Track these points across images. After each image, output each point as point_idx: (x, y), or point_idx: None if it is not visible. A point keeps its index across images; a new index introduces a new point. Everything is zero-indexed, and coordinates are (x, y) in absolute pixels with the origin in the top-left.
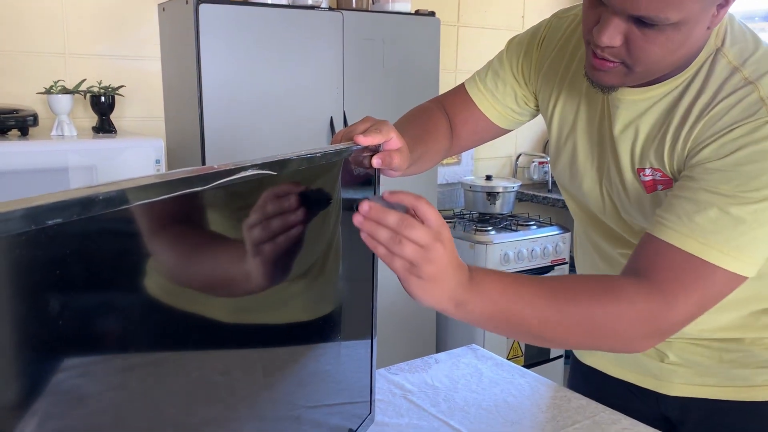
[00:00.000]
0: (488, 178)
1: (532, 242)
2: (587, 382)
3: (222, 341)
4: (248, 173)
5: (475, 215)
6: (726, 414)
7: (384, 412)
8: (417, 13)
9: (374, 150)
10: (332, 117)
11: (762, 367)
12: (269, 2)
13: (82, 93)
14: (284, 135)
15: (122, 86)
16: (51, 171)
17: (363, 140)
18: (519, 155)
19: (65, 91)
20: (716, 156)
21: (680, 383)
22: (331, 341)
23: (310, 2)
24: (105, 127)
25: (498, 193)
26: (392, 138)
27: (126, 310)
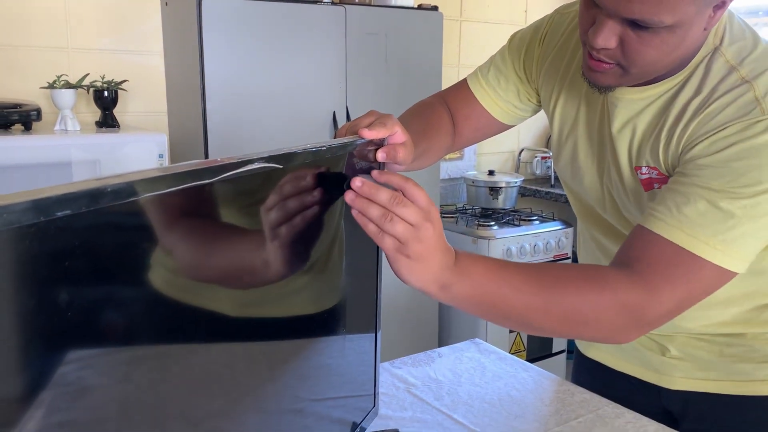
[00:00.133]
0: (491, 173)
1: (535, 237)
2: (591, 376)
3: (227, 334)
4: (255, 166)
5: (478, 210)
6: (727, 408)
7: (388, 406)
8: (420, 8)
9: (379, 144)
10: (335, 112)
11: (763, 362)
12: None
13: (85, 88)
14: (287, 130)
15: (125, 81)
16: (54, 165)
17: (368, 134)
18: (522, 150)
19: (68, 86)
20: (708, 152)
21: (681, 377)
22: (335, 335)
23: None
24: (108, 122)
25: (500, 188)
26: (397, 132)
27: (133, 303)
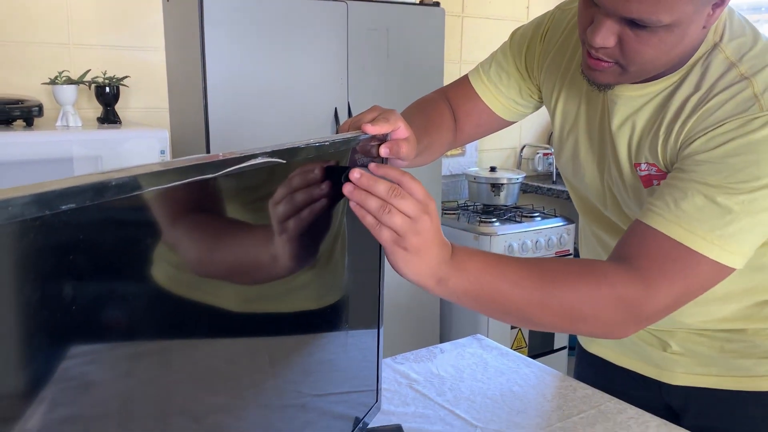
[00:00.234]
0: (492, 170)
1: (537, 233)
2: (592, 371)
3: (230, 330)
4: (258, 161)
5: (480, 206)
6: (728, 404)
7: (390, 401)
8: (422, 4)
9: (381, 139)
10: (336, 108)
11: (764, 358)
12: None
13: (87, 83)
14: (288, 126)
15: (127, 77)
16: (56, 161)
17: (371, 129)
18: (523, 146)
19: (70, 82)
20: (705, 148)
21: (682, 373)
22: (338, 330)
23: None
24: (110, 118)
25: (502, 185)
26: (400, 127)
27: (137, 298)
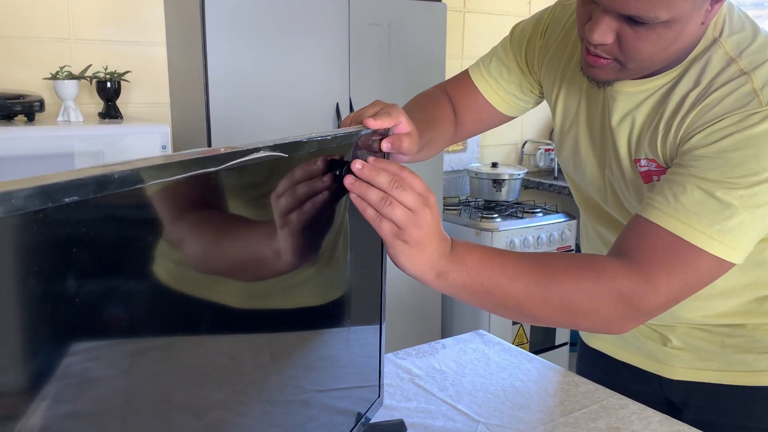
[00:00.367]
0: (494, 166)
1: (538, 229)
2: (594, 365)
3: (232, 326)
4: (260, 155)
5: (481, 202)
6: (728, 399)
7: (392, 396)
8: None
9: (383, 134)
10: (338, 103)
11: (764, 353)
12: None
13: (88, 78)
14: (290, 121)
15: (128, 72)
16: (57, 157)
17: (372, 123)
18: (525, 142)
19: (71, 77)
20: (704, 143)
21: (682, 367)
22: (340, 326)
23: None
24: (111, 113)
25: (504, 181)
26: (402, 122)
27: (139, 294)
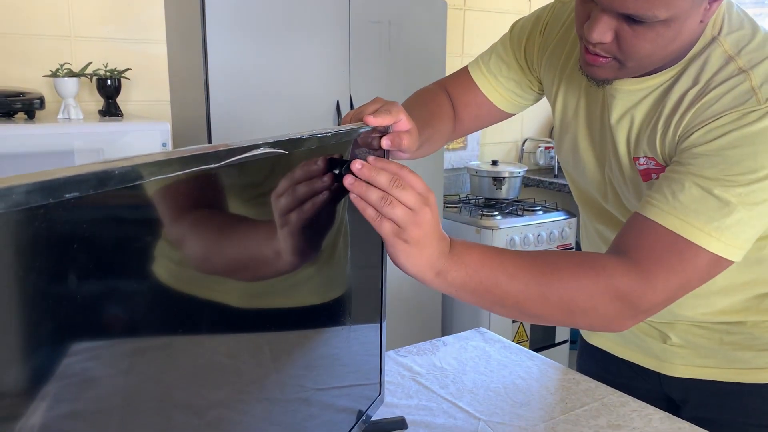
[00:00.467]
0: (494, 163)
1: (538, 227)
2: (594, 362)
3: (233, 325)
4: (260, 151)
5: (481, 200)
6: (728, 396)
7: (393, 394)
8: None
9: (383, 131)
10: (338, 101)
11: (763, 350)
12: None
13: (88, 76)
14: (290, 118)
15: (128, 69)
16: (57, 154)
17: (372, 121)
18: (525, 140)
19: (71, 74)
20: (703, 141)
21: (682, 364)
22: (341, 325)
23: None
24: (111, 111)
25: (504, 178)
26: (402, 119)
27: (140, 292)
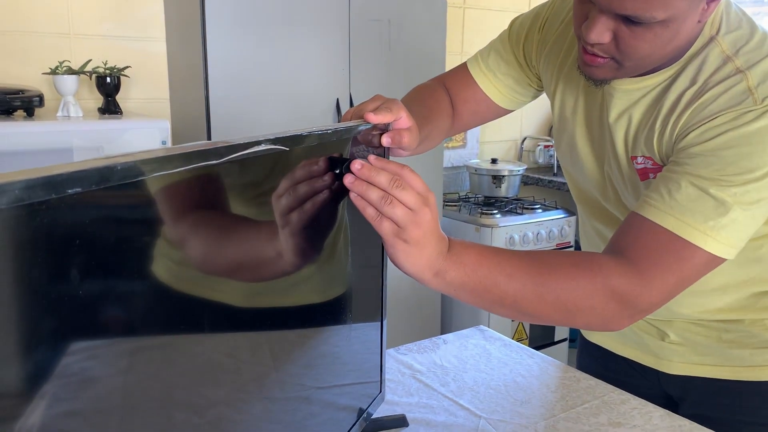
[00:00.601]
0: (494, 162)
1: (538, 225)
2: (593, 360)
3: (233, 324)
4: (261, 148)
5: (481, 198)
6: (725, 393)
7: (394, 392)
8: None
9: (383, 129)
10: (338, 99)
11: (761, 348)
12: None
13: (88, 74)
14: (290, 116)
15: (128, 67)
16: (56, 152)
17: (373, 118)
18: (524, 139)
19: (71, 72)
20: (699, 141)
21: (680, 362)
22: (341, 323)
23: None
24: (111, 108)
25: (503, 177)
26: (402, 117)
27: (141, 292)
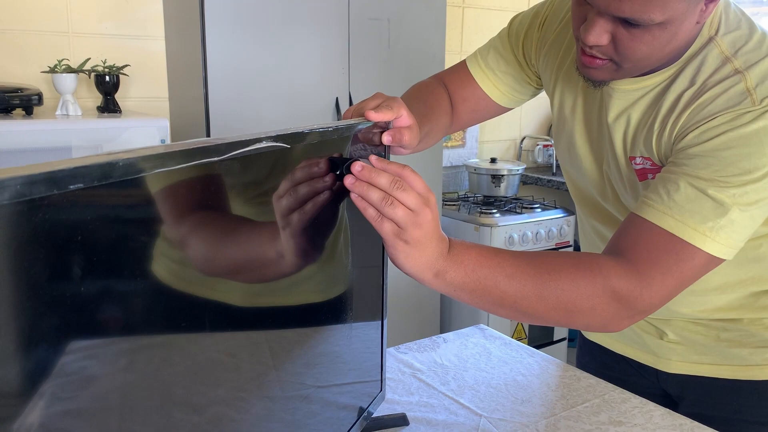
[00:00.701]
0: (493, 161)
1: (537, 225)
2: (593, 358)
3: (234, 323)
4: (263, 145)
5: (480, 198)
6: (723, 392)
7: (394, 391)
8: None
9: (384, 127)
10: (338, 98)
11: (759, 347)
12: None
13: (87, 72)
14: (289, 115)
15: (127, 66)
16: (55, 150)
17: (374, 116)
18: (523, 138)
19: (70, 70)
20: (697, 141)
21: (678, 361)
22: (342, 322)
23: None
24: (110, 107)
25: (502, 176)
26: (402, 115)
27: (140, 290)
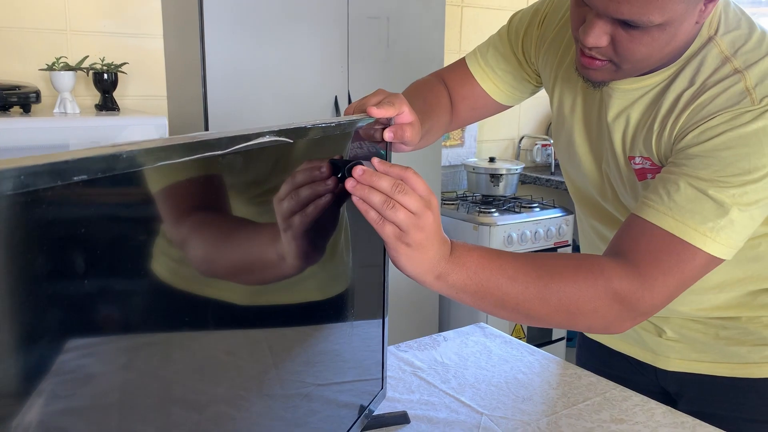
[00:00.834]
0: (491, 160)
1: (536, 224)
2: (592, 356)
3: (235, 321)
4: (266, 139)
5: (479, 197)
6: (722, 390)
7: (395, 389)
8: None
9: (386, 123)
10: (337, 96)
11: (758, 345)
12: None
13: (85, 70)
14: (288, 114)
15: (125, 63)
16: (53, 148)
17: (376, 112)
18: (522, 137)
19: (68, 68)
20: (697, 141)
21: (677, 359)
22: (343, 321)
23: None
24: (108, 105)
25: (501, 175)
26: (404, 111)
27: (140, 287)
